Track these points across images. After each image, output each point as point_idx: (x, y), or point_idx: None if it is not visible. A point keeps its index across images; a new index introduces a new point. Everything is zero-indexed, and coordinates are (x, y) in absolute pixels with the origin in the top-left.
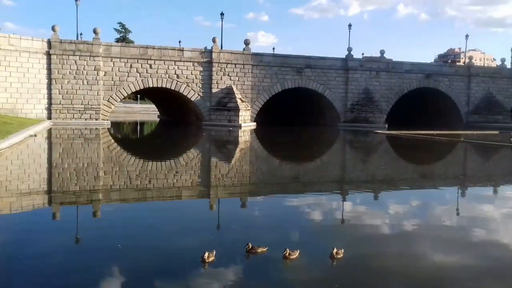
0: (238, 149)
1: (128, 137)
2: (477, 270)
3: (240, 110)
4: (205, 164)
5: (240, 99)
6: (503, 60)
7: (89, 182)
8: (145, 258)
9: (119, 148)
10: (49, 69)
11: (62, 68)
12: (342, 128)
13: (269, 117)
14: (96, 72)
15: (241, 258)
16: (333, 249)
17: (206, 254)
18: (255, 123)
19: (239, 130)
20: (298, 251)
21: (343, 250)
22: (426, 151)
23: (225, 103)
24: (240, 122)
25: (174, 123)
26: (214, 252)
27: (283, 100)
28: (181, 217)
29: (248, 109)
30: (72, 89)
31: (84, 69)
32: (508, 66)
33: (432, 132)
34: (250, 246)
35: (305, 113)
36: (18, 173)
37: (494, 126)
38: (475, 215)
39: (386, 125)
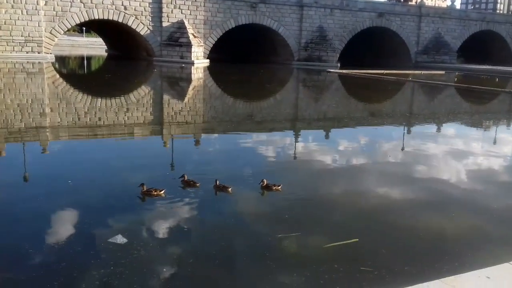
0: (191, 87)
1: (75, 73)
2: (418, 203)
3: (193, 46)
4: (157, 101)
5: (193, 34)
6: (453, 0)
7: (35, 119)
8: (95, 193)
9: (65, 83)
10: None
11: None
12: (296, 66)
13: (223, 54)
14: (36, 1)
15: (194, 191)
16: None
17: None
18: (208, 60)
19: (192, 67)
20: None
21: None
22: (375, 90)
23: (177, 38)
24: (192, 59)
25: (123, 58)
26: (164, 190)
27: (237, 37)
28: (132, 155)
29: (201, 45)
30: (10, 19)
31: None
32: (458, 7)
33: (382, 71)
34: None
35: (259, 51)
36: None
37: (441, 66)
38: (419, 151)
39: (339, 64)
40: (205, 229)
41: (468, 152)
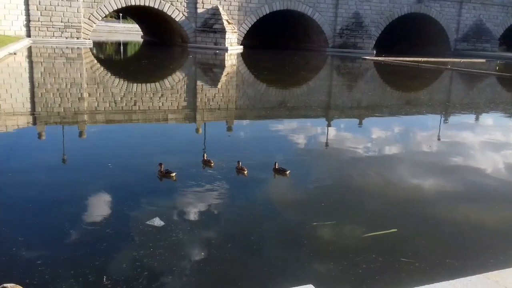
0: (224, 73)
1: (112, 58)
2: (456, 194)
3: (227, 33)
4: (191, 87)
5: (227, 20)
6: None
7: (74, 103)
8: (132, 177)
9: (102, 69)
10: None
11: None
12: (330, 53)
13: (256, 40)
14: None
15: (232, 174)
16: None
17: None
18: (242, 47)
19: (226, 54)
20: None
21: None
22: (412, 78)
23: (211, 25)
24: (226, 45)
25: (158, 44)
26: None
27: (271, 23)
28: (166, 140)
29: (235, 32)
30: (50, 5)
31: None
32: None
33: (419, 59)
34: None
35: (292, 37)
36: None
37: (481, 54)
38: (456, 141)
39: (374, 51)
40: (236, 216)
41: (506, 143)
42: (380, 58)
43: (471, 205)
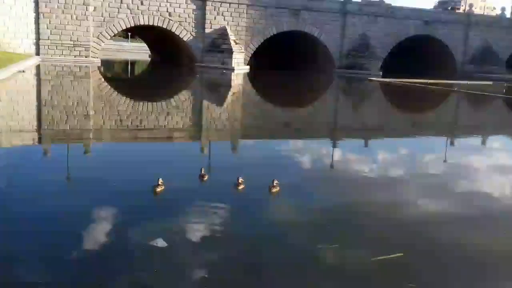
0: (230, 93)
1: (119, 77)
2: (461, 218)
3: (234, 53)
4: (197, 107)
5: (234, 41)
6: (503, 9)
7: (80, 121)
8: (136, 195)
9: (109, 87)
10: (36, 2)
11: (50, 2)
12: (337, 74)
13: (263, 61)
14: (85, 7)
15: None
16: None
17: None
18: (248, 67)
19: (232, 73)
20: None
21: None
22: (419, 100)
23: (219, 45)
24: (233, 65)
25: (166, 63)
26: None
27: (278, 44)
28: (170, 158)
29: (242, 52)
30: (60, 24)
31: (73, 3)
32: (508, 16)
33: (426, 80)
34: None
35: (299, 58)
36: (7, 109)
37: (488, 76)
38: (463, 164)
39: (381, 72)
40: (239, 238)
41: None
42: (386, 80)
43: (477, 229)
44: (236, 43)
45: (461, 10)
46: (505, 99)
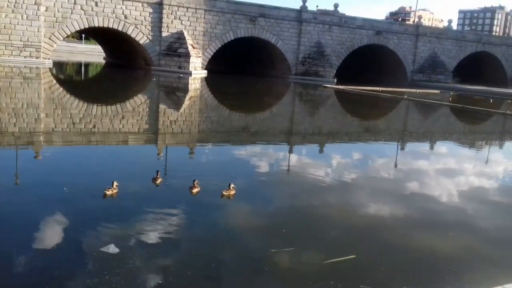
0: (187, 97)
1: (72, 79)
2: (411, 220)
3: (191, 57)
4: (153, 110)
5: (192, 45)
6: (450, 21)
7: (30, 124)
8: (88, 201)
9: (61, 89)
10: None
11: None
12: (293, 80)
13: (221, 65)
14: (36, 6)
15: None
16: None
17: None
18: (206, 71)
19: (190, 78)
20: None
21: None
22: (370, 107)
23: (176, 49)
24: (190, 69)
25: (121, 66)
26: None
27: (235, 49)
28: (125, 162)
29: (200, 56)
30: (10, 23)
31: (23, 3)
32: (454, 28)
33: (377, 88)
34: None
35: (256, 64)
36: None
37: (436, 85)
38: (412, 168)
39: (335, 80)
40: (194, 241)
41: (460, 171)
42: (340, 87)
43: (427, 231)
44: (194, 48)
45: (411, 22)
46: (451, 107)
